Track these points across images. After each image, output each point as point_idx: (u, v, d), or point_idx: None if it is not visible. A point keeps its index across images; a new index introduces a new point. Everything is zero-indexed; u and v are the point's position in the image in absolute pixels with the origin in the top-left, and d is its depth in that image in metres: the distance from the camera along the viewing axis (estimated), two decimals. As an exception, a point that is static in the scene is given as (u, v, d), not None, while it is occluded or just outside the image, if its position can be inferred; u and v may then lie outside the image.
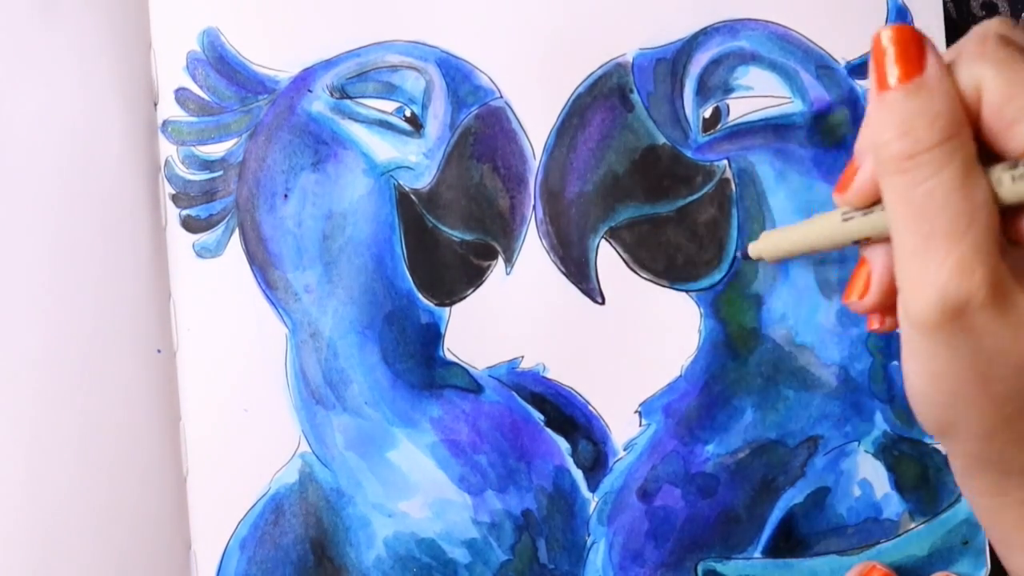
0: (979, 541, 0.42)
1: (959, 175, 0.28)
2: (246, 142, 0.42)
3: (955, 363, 0.29)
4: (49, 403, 0.42)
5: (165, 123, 0.42)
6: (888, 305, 0.32)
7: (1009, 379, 0.29)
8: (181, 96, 0.42)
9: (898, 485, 0.43)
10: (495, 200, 0.42)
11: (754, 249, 0.35)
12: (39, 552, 0.41)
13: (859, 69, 0.43)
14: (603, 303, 0.43)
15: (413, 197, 0.42)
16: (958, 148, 0.28)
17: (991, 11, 0.44)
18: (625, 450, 0.43)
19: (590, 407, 0.43)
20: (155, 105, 0.42)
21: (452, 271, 0.42)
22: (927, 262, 0.28)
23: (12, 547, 0.41)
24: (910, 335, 0.30)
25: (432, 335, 0.42)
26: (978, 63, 0.29)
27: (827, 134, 0.43)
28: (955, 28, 0.44)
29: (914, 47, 0.29)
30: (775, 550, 0.43)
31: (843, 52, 0.43)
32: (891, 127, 0.29)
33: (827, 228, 0.32)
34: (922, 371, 0.30)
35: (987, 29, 0.29)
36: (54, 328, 0.42)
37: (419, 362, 0.42)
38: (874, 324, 0.34)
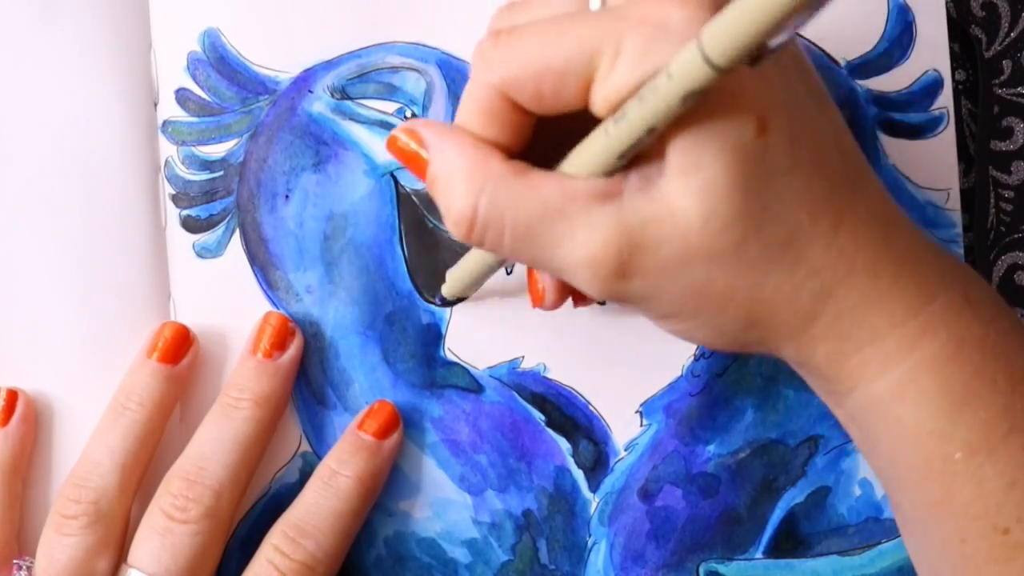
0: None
1: (523, 206, 0.30)
2: (247, 143, 0.42)
3: (664, 299, 0.31)
4: (48, 403, 0.42)
5: (165, 123, 0.42)
6: (565, 299, 0.37)
7: (712, 273, 0.30)
8: (181, 96, 0.42)
9: (898, 484, 0.43)
10: (496, 200, 0.42)
11: (447, 290, 0.40)
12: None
13: (859, 69, 0.43)
14: (604, 303, 0.43)
15: (414, 198, 0.42)
16: (501, 199, 0.31)
17: (991, 11, 0.44)
18: (626, 450, 0.43)
19: (591, 407, 0.43)
20: (155, 105, 0.42)
21: (453, 271, 0.42)
22: (565, 265, 0.31)
23: None
24: (624, 307, 0.33)
25: (433, 335, 0.42)
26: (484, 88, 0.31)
27: (828, 134, 0.43)
28: (956, 28, 0.44)
29: (414, 136, 0.32)
30: (776, 550, 0.43)
31: (843, 52, 0.43)
32: (445, 217, 0.32)
33: (481, 256, 0.36)
34: (662, 320, 0.33)
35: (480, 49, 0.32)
36: (53, 328, 0.42)
37: (420, 362, 0.42)
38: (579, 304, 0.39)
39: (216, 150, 0.42)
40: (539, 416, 0.43)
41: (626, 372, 0.43)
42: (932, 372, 0.31)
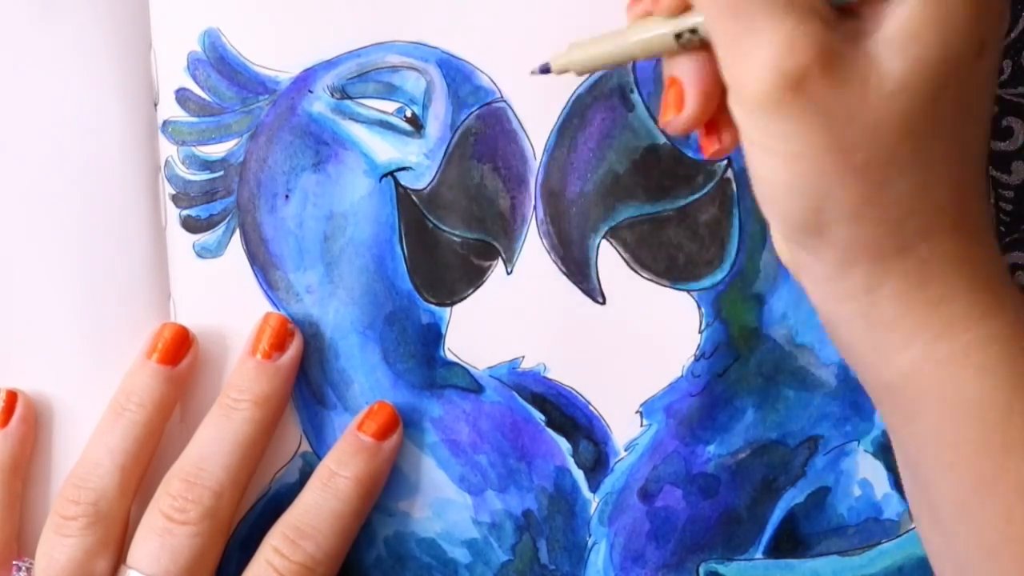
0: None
1: None
2: (247, 142, 0.42)
3: (811, 137, 0.29)
4: (48, 403, 0.42)
5: (165, 123, 0.42)
6: (707, 119, 0.32)
7: (865, 143, 0.29)
8: (182, 96, 0.42)
9: (898, 485, 0.43)
10: (496, 200, 0.42)
11: (564, 59, 0.34)
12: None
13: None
14: (604, 303, 0.43)
15: (414, 198, 0.42)
16: None
17: (992, 11, 0.44)
18: (626, 450, 0.43)
19: (591, 407, 0.43)
20: (155, 105, 0.42)
21: (453, 271, 0.42)
22: (755, 45, 0.29)
23: None
24: (757, 125, 0.30)
25: (433, 335, 0.42)
26: None
27: (828, 134, 0.43)
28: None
29: None
30: (776, 551, 0.43)
31: (844, 52, 0.43)
32: None
33: (642, 32, 0.32)
34: (780, 160, 0.30)
35: None
36: (53, 328, 0.42)
37: (420, 362, 0.42)
38: (709, 148, 0.33)
39: (216, 150, 0.42)
40: (539, 416, 0.43)
41: (626, 372, 0.43)
42: (1002, 343, 0.31)
